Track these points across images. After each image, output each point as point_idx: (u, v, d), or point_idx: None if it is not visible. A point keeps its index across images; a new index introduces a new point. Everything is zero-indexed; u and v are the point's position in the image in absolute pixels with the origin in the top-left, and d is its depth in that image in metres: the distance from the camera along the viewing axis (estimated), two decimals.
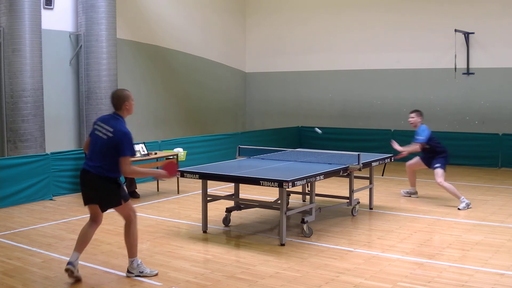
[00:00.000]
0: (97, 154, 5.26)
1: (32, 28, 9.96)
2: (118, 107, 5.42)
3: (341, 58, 15.06)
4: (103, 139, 5.25)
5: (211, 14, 15.38)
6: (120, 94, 5.44)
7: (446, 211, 8.27)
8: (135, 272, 5.46)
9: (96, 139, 5.30)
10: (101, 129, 5.31)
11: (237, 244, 6.86)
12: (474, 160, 12.81)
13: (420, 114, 9.11)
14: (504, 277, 5.41)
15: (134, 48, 13.11)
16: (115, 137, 5.21)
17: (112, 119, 5.37)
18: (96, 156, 5.26)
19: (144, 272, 5.46)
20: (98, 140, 5.28)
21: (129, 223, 5.48)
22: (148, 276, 5.45)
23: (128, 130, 5.35)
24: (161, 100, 13.94)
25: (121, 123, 5.35)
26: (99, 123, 5.38)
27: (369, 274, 5.51)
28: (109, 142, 5.21)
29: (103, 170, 5.23)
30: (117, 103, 5.42)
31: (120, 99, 5.40)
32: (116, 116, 5.41)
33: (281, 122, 15.79)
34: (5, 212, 8.48)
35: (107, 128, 5.27)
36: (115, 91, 5.53)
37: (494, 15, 12.84)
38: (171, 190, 10.15)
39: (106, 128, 5.28)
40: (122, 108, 5.42)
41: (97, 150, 5.27)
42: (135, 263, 5.47)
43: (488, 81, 13.05)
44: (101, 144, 5.24)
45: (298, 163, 7.94)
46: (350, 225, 7.56)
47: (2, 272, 5.68)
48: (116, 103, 5.42)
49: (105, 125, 5.31)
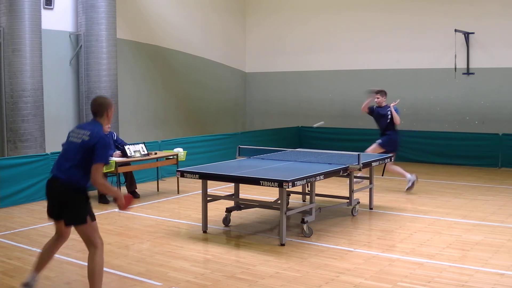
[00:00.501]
0: (69, 159, 4.77)
1: (32, 28, 9.96)
2: (100, 114, 4.92)
3: (341, 58, 15.06)
4: (77, 143, 4.77)
5: (211, 14, 15.38)
6: (103, 101, 5.00)
7: (446, 211, 8.27)
8: None
9: (69, 145, 4.85)
10: (76, 135, 4.86)
11: (237, 244, 6.86)
12: (474, 160, 12.80)
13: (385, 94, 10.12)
14: (504, 277, 5.41)
15: (134, 48, 13.11)
16: (91, 140, 4.71)
17: (90, 125, 4.93)
18: (68, 162, 4.76)
19: None
20: (71, 146, 4.83)
21: (94, 249, 4.79)
22: None
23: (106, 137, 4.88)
24: (161, 100, 13.95)
25: (99, 128, 4.86)
26: (74, 130, 4.96)
27: (369, 274, 5.50)
28: (84, 145, 4.72)
29: (73, 176, 4.72)
30: (99, 110, 4.92)
31: (102, 106, 4.93)
32: (95, 122, 4.93)
33: (281, 122, 15.79)
34: (5, 212, 8.48)
35: (84, 132, 4.81)
36: (97, 98, 5.11)
37: (494, 15, 12.83)
38: (171, 190, 10.15)
39: (82, 132, 4.82)
40: (104, 116, 4.93)
41: (69, 156, 4.79)
42: None
43: (488, 81, 13.04)
44: (75, 148, 4.77)
45: (298, 163, 7.94)
46: (350, 225, 7.56)
47: (2, 272, 5.68)
48: (98, 110, 4.92)
49: (82, 130, 4.86)
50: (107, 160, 4.83)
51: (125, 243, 6.73)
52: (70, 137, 4.89)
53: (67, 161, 4.76)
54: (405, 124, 14.19)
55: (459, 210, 8.34)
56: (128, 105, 12.78)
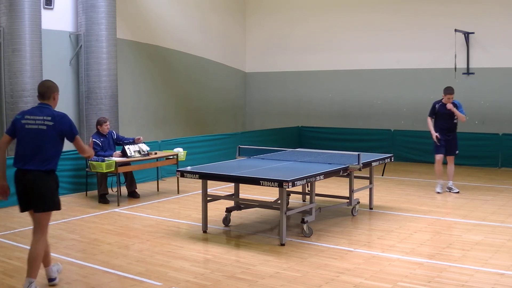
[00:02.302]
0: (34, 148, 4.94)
1: (32, 28, 9.96)
2: (47, 96, 5.12)
3: (341, 58, 15.06)
4: (42, 130, 4.93)
5: (211, 14, 15.38)
6: (50, 84, 5.23)
7: (446, 211, 8.27)
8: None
9: (33, 133, 4.95)
10: (33, 122, 4.97)
11: (237, 244, 6.86)
12: (474, 160, 12.80)
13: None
14: (504, 277, 5.40)
15: (134, 48, 13.11)
16: (56, 124, 4.95)
17: (43, 109, 5.07)
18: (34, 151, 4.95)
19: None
20: (34, 133, 4.95)
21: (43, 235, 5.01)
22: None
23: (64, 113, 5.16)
24: (161, 100, 13.95)
25: (53, 110, 5.10)
26: (27, 117, 5.02)
27: (369, 274, 5.50)
28: (51, 131, 4.94)
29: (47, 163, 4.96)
30: (46, 92, 5.13)
31: (50, 89, 5.16)
32: (45, 105, 5.11)
33: (281, 122, 15.79)
34: (5, 212, 8.48)
35: (43, 117, 4.97)
36: (46, 81, 5.33)
37: (494, 15, 12.84)
38: (171, 190, 10.15)
39: (41, 118, 4.97)
40: (51, 99, 5.17)
41: (36, 144, 4.94)
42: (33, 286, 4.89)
43: (488, 81, 13.04)
44: (42, 136, 4.93)
45: (298, 163, 7.94)
46: (350, 225, 7.56)
47: (2, 272, 5.68)
48: (45, 92, 5.13)
49: (38, 117, 4.98)
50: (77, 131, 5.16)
51: (125, 243, 6.73)
52: (27, 125, 4.96)
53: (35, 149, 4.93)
54: (405, 124, 14.22)
55: (459, 210, 8.34)
56: (128, 105, 12.78)
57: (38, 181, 4.95)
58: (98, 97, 11.12)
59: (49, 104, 5.13)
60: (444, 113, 9.55)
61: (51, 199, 5.00)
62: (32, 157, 4.96)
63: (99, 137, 9.27)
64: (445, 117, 9.57)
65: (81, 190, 9.80)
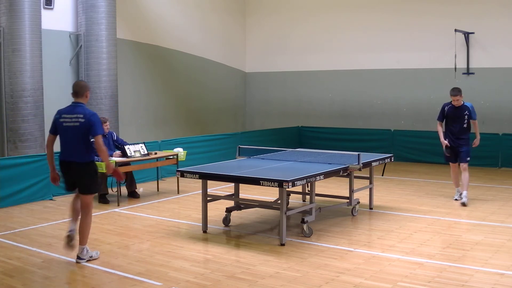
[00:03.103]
0: (72, 143, 5.82)
1: (32, 28, 9.96)
2: (80, 94, 5.93)
3: (341, 58, 15.06)
4: (76, 127, 5.79)
5: (211, 14, 15.38)
6: (83, 83, 6.14)
7: (446, 211, 8.27)
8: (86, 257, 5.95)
9: (69, 130, 5.83)
10: (69, 120, 5.83)
11: (237, 244, 6.86)
12: (474, 160, 12.66)
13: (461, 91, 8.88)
14: (504, 277, 5.41)
15: (134, 48, 13.11)
16: (86, 120, 5.77)
17: (76, 108, 5.89)
18: (72, 145, 5.82)
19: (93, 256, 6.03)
20: (71, 130, 5.81)
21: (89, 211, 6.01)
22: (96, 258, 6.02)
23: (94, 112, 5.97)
24: (161, 100, 13.95)
25: (85, 108, 5.91)
26: (65, 116, 5.88)
27: (369, 274, 5.50)
28: (83, 126, 5.77)
29: (84, 155, 5.83)
30: (79, 91, 5.94)
31: (83, 88, 5.98)
32: (77, 104, 5.92)
33: (281, 122, 15.80)
34: (5, 212, 8.48)
35: (77, 116, 5.82)
36: (78, 81, 6.33)
37: (494, 15, 12.84)
38: (171, 190, 10.15)
39: (74, 116, 5.82)
40: (83, 96, 5.95)
41: (70, 140, 5.83)
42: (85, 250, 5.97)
43: (488, 81, 13.05)
44: (76, 132, 5.79)
45: (298, 163, 7.94)
46: (350, 225, 7.56)
47: (2, 272, 5.68)
48: (79, 91, 5.94)
49: (73, 115, 5.84)
50: (103, 131, 5.99)
51: (125, 243, 6.73)
52: (64, 123, 5.84)
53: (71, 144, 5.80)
54: (405, 124, 14.22)
55: (459, 210, 8.34)
56: (128, 105, 12.78)
57: (80, 172, 5.88)
58: (98, 97, 11.12)
59: (82, 102, 5.94)
60: (453, 116, 8.82)
61: (91, 185, 5.97)
62: (72, 150, 5.84)
63: None
64: (454, 120, 8.82)
65: None
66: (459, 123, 8.82)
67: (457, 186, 9.07)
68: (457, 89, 8.83)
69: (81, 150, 5.81)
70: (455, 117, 8.83)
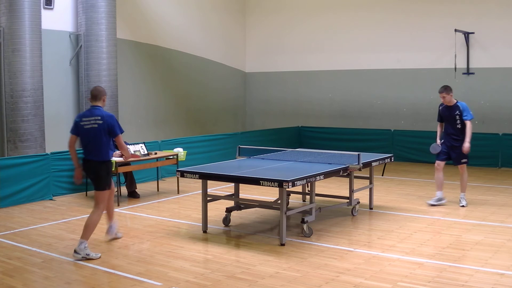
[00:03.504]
0: (92, 143, 6.23)
1: (32, 28, 9.96)
2: (98, 98, 6.38)
3: (341, 58, 15.06)
4: (95, 128, 6.20)
5: (211, 14, 15.38)
6: (101, 89, 6.52)
7: (446, 211, 8.27)
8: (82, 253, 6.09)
9: (89, 132, 6.24)
10: (88, 122, 6.25)
11: (237, 244, 6.86)
12: (474, 160, 12.73)
13: (450, 90, 8.47)
14: (504, 277, 5.41)
15: (134, 48, 13.11)
16: (104, 122, 6.19)
17: (93, 110, 6.32)
18: (91, 145, 6.24)
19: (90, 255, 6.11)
20: (91, 132, 6.22)
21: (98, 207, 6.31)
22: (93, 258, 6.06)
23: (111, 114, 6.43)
24: (161, 100, 13.95)
25: (103, 110, 6.33)
26: (84, 120, 6.29)
27: (369, 274, 5.51)
28: (101, 128, 6.19)
29: (100, 155, 6.23)
30: (98, 95, 6.38)
31: (101, 93, 6.41)
32: (95, 107, 6.35)
33: (281, 122, 15.79)
34: (5, 212, 8.48)
35: (95, 118, 6.23)
36: (97, 86, 6.63)
37: (494, 15, 12.83)
38: (171, 190, 10.15)
39: (93, 119, 6.23)
40: (101, 100, 6.40)
41: (90, 141, 6.24)
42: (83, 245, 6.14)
43: (488, 81, 13.04)
44: (95, 133, 6.20)
45: (298, 163, 7.94)
46: (350, 225, 7.56)
47: (2, 272, 5.68)
48: (97, 95, 6.38)
49: (91, 117, 6.26)
50: (122, 130, 6.36)
51: (125, 243, 6.73)
52: (85, 126, 6.26)
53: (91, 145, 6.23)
54: (405, 124, 14.22)
55: (459, 210, 8.34)
56: (128, 105, 12.78)
57: (95, 169, 6.30)
58: None
59: (99, 106, 6.37)
60: (445, 116, 8.63)
61: (101, 182, 6.30)
62: (91, 150, 6.27)
63: None
64: (447, 120, 8.61)
65: (81, 190, 9.79)
66: (451, 123, 8.58)
67: (438, 190, 8.66)
68: (443, 87, 8.53)
69: (99, 150, 6.22)
70: (447, 117, 8.62)
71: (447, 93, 8.48)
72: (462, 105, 8.54)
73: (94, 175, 6.33)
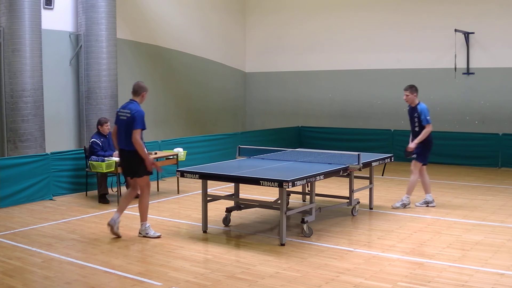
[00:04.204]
0: (123, 134, 6.70)
1: (32, 28, 9.96)
2: (137, 93, 6.85)
3: (341, 58, 15.06)
4: (124, 120, 6.70)
5: (211, 14, 15.38)
6: (141, 84, 6.95)
7: (446, 211, 8.27)
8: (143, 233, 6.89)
9: (121, 123, 6.74)
10: (122, 114, 6.77)
11: (237, 244, 6.86)
12: (474, 160, 12.81)
13: (415, 90, 8.27)
14: (504, 277, 5.41)
15: (134, 48, 13.11)
16: (131, 115, 6.65)
17: (129, 104, 6.83)
18: (123, 136, 6.71)
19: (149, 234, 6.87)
20: (122, 123, 6.72)
21: (143, 191, 6.89)
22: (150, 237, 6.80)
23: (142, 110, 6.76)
24: (161, 100, 13.94)
25: (136, 105, 6.79)
26: (121, 110, 6.85)
27: (369, 274, 5.51)
28: (129, 120, 6.65)
29: (130, 144, 6.62)
30: (138, 90, 6.86)
31: (141, 88, 6.87)
32: (132, 101, 6.85)
33: (281, 122, 15.79)
34: (5, 212, 8.48)
35: (126, 111, 6.74)
36: (138, 82, 7.02)
37: (494, 15, 12.83)
38: (171, 190, 10.15)
39: (125, 111, 6.75)
40: (140, 96, 6.87)
41: (122, 131, 6.73)
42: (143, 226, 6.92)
43: (488, 81, 13.04)
44: (125, 124, 6.69)
45: (298, 163, 7.94)
46: (350, 225, 7.56)
47: (2, 272, 5.68)
48: (137, 90, 6.86)
49: (125, 110, 6.77)
50: (144, 127, 6.72)
51: (125, 243, 6.73)
52: (120, 117, 6.78)
53: (123, 135, 6.71)
54: (405, 124, 14.20)
55: (459, 210, 8.34)
56: None
57: (128, 158, 6.77)
58: (98, 97, 11.12)
59: (136, 100, 6.84)
60: (409, 117, 8.44)
61: (137, 170, 6.76)
62: (123, 139, 6.75)
63: (99, 137, 9.28)
64: (410, 121, 8.45)
65: (81, 190, 9.79)
66: (411, 124, 8.40)
67: (427, 192, 8.52)
68: (409, 85, 8.36)
69: (128, 140, 6.64)
70: (409, 118, 8.43)
71: (410, 92, 8.30)
72: (421, 108, 8.28)
73: (127, 163, 6.81)
